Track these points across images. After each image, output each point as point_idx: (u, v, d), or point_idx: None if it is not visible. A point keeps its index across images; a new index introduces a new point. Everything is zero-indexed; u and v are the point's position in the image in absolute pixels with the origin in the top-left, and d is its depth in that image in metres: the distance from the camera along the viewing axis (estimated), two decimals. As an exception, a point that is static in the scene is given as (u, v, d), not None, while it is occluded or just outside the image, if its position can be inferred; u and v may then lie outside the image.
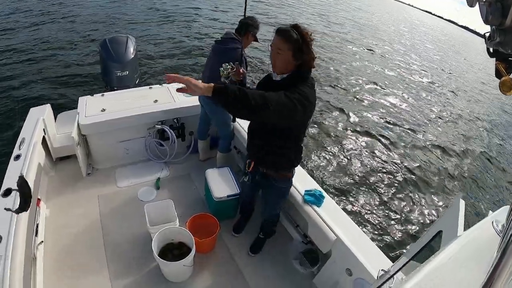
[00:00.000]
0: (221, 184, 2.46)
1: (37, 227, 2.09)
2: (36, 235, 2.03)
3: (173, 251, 2.14)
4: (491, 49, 0.64)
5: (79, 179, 2.75)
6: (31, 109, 2.63)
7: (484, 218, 1.06)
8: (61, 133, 2.81)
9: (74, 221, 2.39)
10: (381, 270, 1.22)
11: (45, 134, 2.53)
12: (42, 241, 2.13)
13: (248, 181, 1.99)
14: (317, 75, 8.23)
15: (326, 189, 3.95)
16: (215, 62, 2.37)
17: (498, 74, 0.62)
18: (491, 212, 1.12)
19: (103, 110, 2.73)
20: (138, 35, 8.02)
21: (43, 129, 2.50)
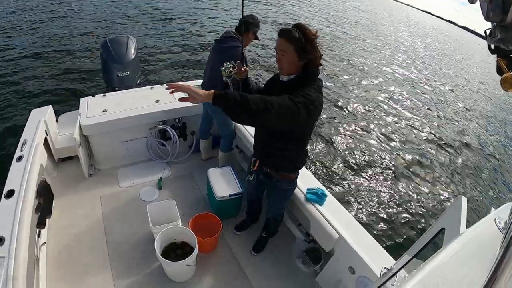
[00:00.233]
0: (223, 183, 2.46)
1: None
2: (39, 236, 2.04)
3: (176, 250, 2.14)
4: (492, 46, 0.63)
5: (81, 180, 2.76)
6: (33, 110, 2.64)
7: (487, 215, 1.05)
8: (63, 134, 2.82)
9: (76, 222, 2.40)
10: (384, 268, 1.22)
11: (47, 135, 2.53)
12: (45, 242, 2.14)
13: (254, 180, 1.98)
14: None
15: (328, 187, 3.95)
16: (216, 61, 2.37)
17: (500, 71, 0.62)
18: (493, 209, 1.12)
19: (105, 110, 2.74)
20: (138, 35, 8.03)
21: (45, 130, 2.50)
